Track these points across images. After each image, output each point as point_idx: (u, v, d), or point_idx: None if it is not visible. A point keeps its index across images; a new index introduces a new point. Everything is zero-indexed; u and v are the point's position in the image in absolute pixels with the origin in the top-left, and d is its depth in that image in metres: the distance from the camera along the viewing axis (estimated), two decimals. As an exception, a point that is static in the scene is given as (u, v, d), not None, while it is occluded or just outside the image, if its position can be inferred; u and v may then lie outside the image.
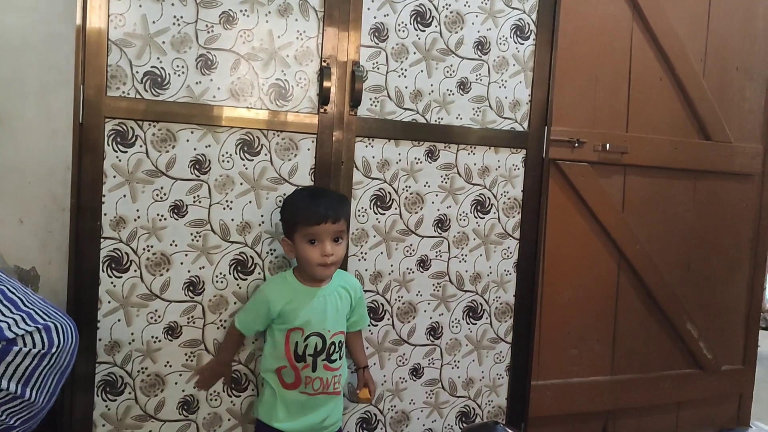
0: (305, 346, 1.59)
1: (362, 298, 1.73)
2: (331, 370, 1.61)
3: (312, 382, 1.59)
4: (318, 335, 1.59)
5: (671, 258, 2.41)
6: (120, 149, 1.57)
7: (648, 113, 2.32)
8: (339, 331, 1.63)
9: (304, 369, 1.59)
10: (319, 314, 1.60)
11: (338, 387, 1.64)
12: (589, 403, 2.31)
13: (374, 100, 1.76)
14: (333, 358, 1.61)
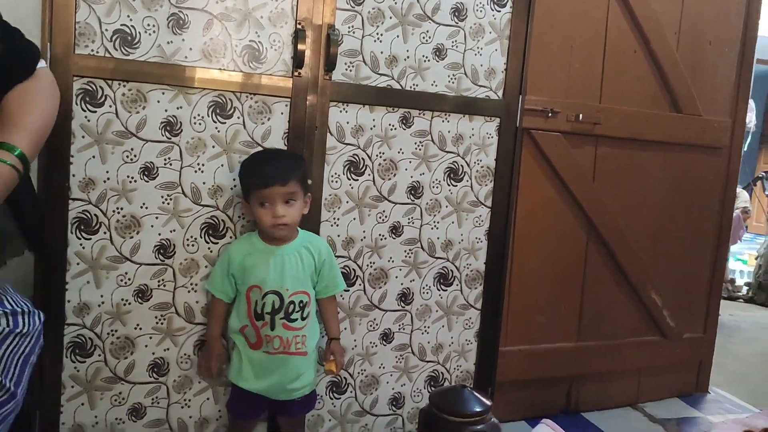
0: (263, 304, 1.60)
1: (330, 262, 1.71)
2: (291, 329, 1.62)
3: (272, 340, 1.60)
4: (275, 293, 1.60)
5: (639, 228, 2.45)
6: (89, 109, 1.54)
7: (621, 85, 2.34)
8: (299, 291, 1.63)
9: (263, 327, 1.60)
10: (276, 273, 1.60)
11: (302, 348, 1.64)
12: (555, 369, 2.36)
13: (349, 64, 1.74)
14: (293, 317, 1.62)
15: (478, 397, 1.00)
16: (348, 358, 1.86)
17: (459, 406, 0.96)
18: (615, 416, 2.44)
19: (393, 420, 1.95)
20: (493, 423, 0.96)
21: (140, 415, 1.68)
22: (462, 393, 0.99)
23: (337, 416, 1.88)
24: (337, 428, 1.89)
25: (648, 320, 2.53)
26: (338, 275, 1.74)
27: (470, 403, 0.97)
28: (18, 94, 1.26)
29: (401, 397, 1.95)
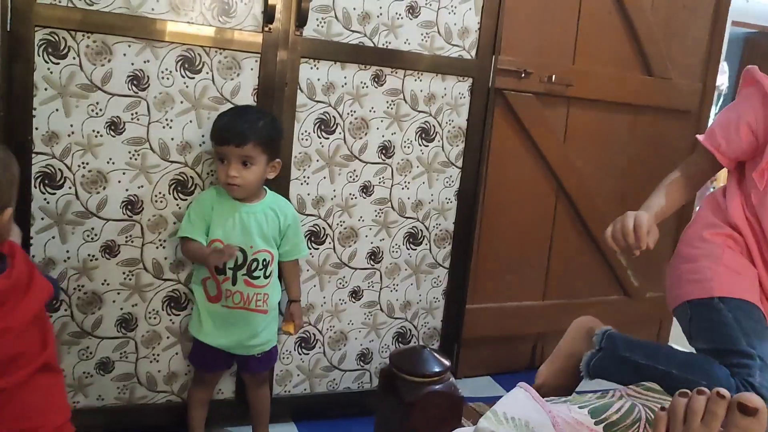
0: None
1: (295, 228, 1.70)
2: (252, 286, 1.62)
3: (232, 295, 1.61)
4: (239, 249, 1.60)
5: (608, 190, 2.49)
6: (51, 60, 1.50)
7: (595, 47, 2.34)
8: (263, 250, 1.62)
9: (224, 282, 1.61)
10: (242, 230, 1.60)
11: (263, 306, 1.64)
12: (521, 327, 2.42)
13: (321, 20, 1.72)
14: (255, 275, 1.62)
15: (437, 358, 1.02)
16: (317, 314, 1.89)
17: (418, 367, 0.99)
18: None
19: (361, 375, 1.99)
20: (450, 383, 0.99)
21: (108, 369, 1.69)
22: (421, 353, 1.01)
23: (306, 371, 1.91)
24: (305, 383, 1.92)
25: (613, 280, 2.59)
26: (302, 241, 1.74)
27: (429, 363, 1.00)
28: None
29: (369, 352, 1.99)
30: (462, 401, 1.00)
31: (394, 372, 0.98)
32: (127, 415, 1.73)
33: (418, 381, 0.98)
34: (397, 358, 1.00)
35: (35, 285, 1.10)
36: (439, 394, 0.97)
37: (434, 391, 0.97)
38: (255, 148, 1.55)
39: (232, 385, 1.83)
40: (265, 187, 1.67)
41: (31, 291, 1.08)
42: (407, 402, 0.94)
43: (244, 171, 1.56)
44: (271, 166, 1.62)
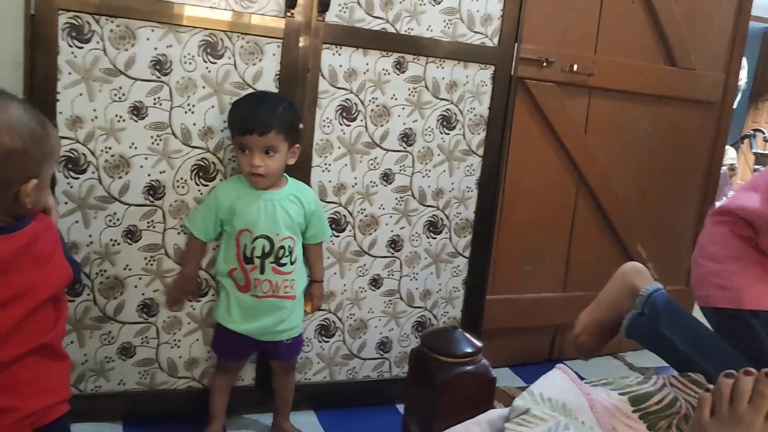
0: (253, 248, 1.59)
1: (318, 212, 1.71)
2: (280, 273, 1.62)
3: (261, 284, 1.61)
4: (265, 238, 1.59)
5: (628, 181, 2.46)
6: (75, 45, 1.50)
7: (617, 36, 2.31)
8: (289, 236, 1.62)
9: (252, 271, 1.60)
10: (267, 217, 1.60)
11: (290, 292, 1.65)
12: (540, 318, 2.40)
13: (343, 6, 1.71)
14: (282, 261, 1.62)
15: (469, 339, 1.01)
16: (337, 302, 1.88)
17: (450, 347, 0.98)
18: (596, 364, 2.49)
19: (380, 363, 1.99)
20: (483, 364, 0.98)
21: (130, 354, 1.69)
22: (453, 334, 1.00)
23: (326, 359, 1.91)
24: (324, 371, 1.92)
25: (632, 272, 2.56)
26: (326, 223, 1.76)
27: (461, 343, 0.98)
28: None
29: (389, 341, 1.98)
30: (494, 382, 0.99)
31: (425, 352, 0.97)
32: (147, 401, 1.74)
33: (449, 361, 0.97)
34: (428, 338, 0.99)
35: (54, 265, 1.11)
36: (471, 374, 0.96)
37: (466, 372, 0.96)
38: (277, 135, 1.54)
39: (252, 372, 1.83)
40: (285, 174, 1.67)
41: (47, 268, 1.09)
42: (439, 382, 0.93)
43: (268, 160, 1.55)
44: (291, 151, 1.61)
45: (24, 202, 1.05)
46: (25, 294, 1.06)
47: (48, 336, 1.09)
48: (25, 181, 1.05)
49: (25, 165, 1.05)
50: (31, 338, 1.06)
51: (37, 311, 1.07)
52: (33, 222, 1.10)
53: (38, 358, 1.08)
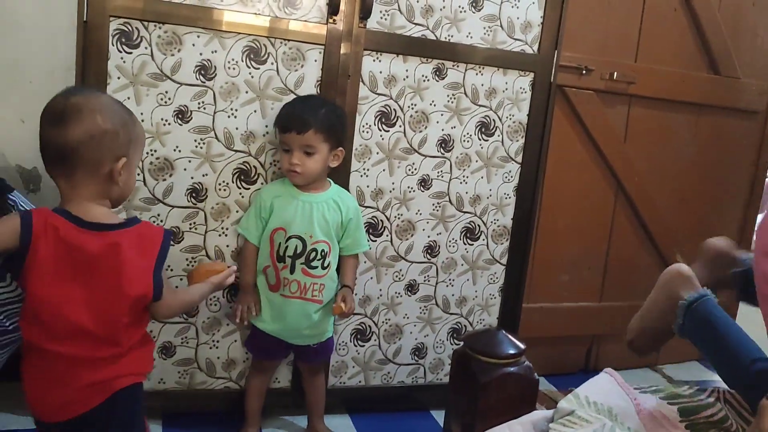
0: (286, 247, 1.61)
1: (357, 222, 1.71)
2: (310, 276, 1.63)
3: (289, 284, 1.62)
4: (298, 238, 1.61)
5: (668, 190, 2.43)
6: (125, 50, 1.55)
7: (659, 44, 2.29)
8: (322, 240, 1.63)
9: (283, 270, 1.62)
10: (303, 219, 1.62)
11: (318, 296, 1.65)
12: (576, 327, 2.38)
13: (384, 13, 1.72)
14: (313, 264, 1.63)
15: (513, 340, 1.01)
16: (373, 306, 1.89)
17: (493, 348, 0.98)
18: (634, 376, 2.46)
19: (415, 369, 1.99)
20: (526, 366, 0.98)
21: (170, 353, 1.73)
22: (496, 335, 1.00)
23: (361, 363, 1.92)
24: (359, 375, 1.93)
25: (672, 283, 2.52)
26: (363, 236, 1.75)
27: (504, 345, 0.98)
28: None
29: (424, 347, 1.98)
30: (537, 384, 0.98)
31: (468, 353, 0.97)
32: (186, 400, 1.76)
33: (493, 362, 0.97)
34: (471, 339, 0.99)
35: (131, 276, 1.15)
36: (514, 375, 0.96)
37: (509, 373, 0.96)
38: (316, 135, 1.56)
39: (288, 374, 1.85)
40: (329, 180, 1.68)
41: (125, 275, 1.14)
42: (482, 383, 0.93)
43: (306, 159, 1.58)
44: (334, 154, 1.63)
45: (117, 180, 1.16)
46: (105, 297, 1.13)
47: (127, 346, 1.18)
48: (116, 160, 1.15)
49: (115, 145, 1.15)
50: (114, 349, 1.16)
51: (118, 324, 1.15)
52: (133, 228, 1.18)
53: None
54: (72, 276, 1.11)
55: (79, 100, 1.14)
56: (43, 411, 1.16)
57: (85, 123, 1.11)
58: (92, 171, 1.14)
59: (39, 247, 1.09)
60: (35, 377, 1.15)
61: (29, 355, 1.16)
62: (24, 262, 1.09)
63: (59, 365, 1.13)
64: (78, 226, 1.12)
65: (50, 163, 1.14)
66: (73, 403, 1.14)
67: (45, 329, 1.12)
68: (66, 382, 1.13)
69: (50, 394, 1.14)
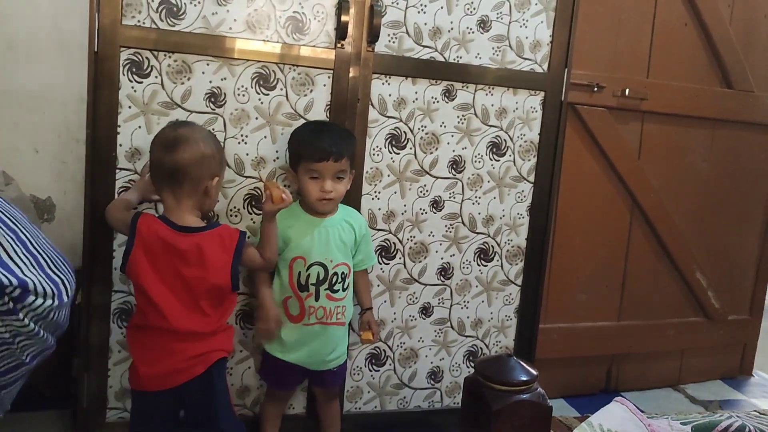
0: (308, 275, 1.61)
1: (367, 236, 1.73)
2: (334, 300, 1.63)
3: (315, 311, 1.62)
4: (320, 265, 1.61)
5: (685, 207, 2.40)
6: (135, 80, 1.56)
7: (671, 59, 2.28)
8: (342, 263, 1.63)
9: (307, 298, 1.62)
10: (321, 244, 1.61)
11: (341, 318, 1.65)
12: (595, 348, 2.34)
13: (392, 36, 1.73)
14: (336, 288, 1.63)
15: (525, 367, 0.99)
16: (387, 330, 1.87)
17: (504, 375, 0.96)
18: (656, 396, 2.41)
19: (431, 393, 1.96)
20: (539, 393, 0.95)
21: (184, 381, 1.72)
22: (508, 362, 0.98)
23: (376, 388, 1.90)
24: (375, 400, 1.90)
25: (692, 301, 2.48)
26: (372, 249, 1.77)
27: (516, 371, 0.96)
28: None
29: (440, 371, 1.95)
30: (550, 411, 0.96)
31: (479, 380, 0.95)
32: (200, 428, 1.75)
33: (504, 389, 0.95)
34: (482, 366, 0.97)
35: (216, 269, 1.43)
36: (526, 403, 0.94)
37: (522, 401, 0.93)
38: (347, 161, 1.60)
39: (303, 401, 1.83)
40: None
41: (208, 270, 1.42)
42: (494, 410, 0.91)
43: (337, 184, 1.60)
44: (350, 177, 1.66)
45: (210, 194, 1.45)
46: (194, 284, 1.41)
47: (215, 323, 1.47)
48: (211, 178, 1.43)
49: (212, 166, 1.43)
50: (207, 324, 1.44)
51: (209, 306, 1.44)
52: (214, 230, 1.44)
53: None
54: (168, 267, 1.40)
55: (186, 131, 1.42)
56: (150, 381, 1.41)
57: (193, 149, 1.39)
58: (194, 186, 1.41)
59: (141, 243, 1.40)
60: (146, 351, 1.43)
61: (140, 333, 1.44)
62: (129, 256, 1.39)
63: (167, 340, 1.40)
64: (173, 229, 1.41)
65: (161, 181, 1.42)
66: (179, 372, 1.40)
67: (151, 310, 1.40)
68: (173, 354, 1.40)
69: (160, 364, 1.40)
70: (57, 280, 1.21)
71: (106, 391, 1.66)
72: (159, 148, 1.42)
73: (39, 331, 1.25)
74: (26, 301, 1.17)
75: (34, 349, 1.32)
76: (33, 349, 1.31)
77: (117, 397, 1.67)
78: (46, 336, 1.27)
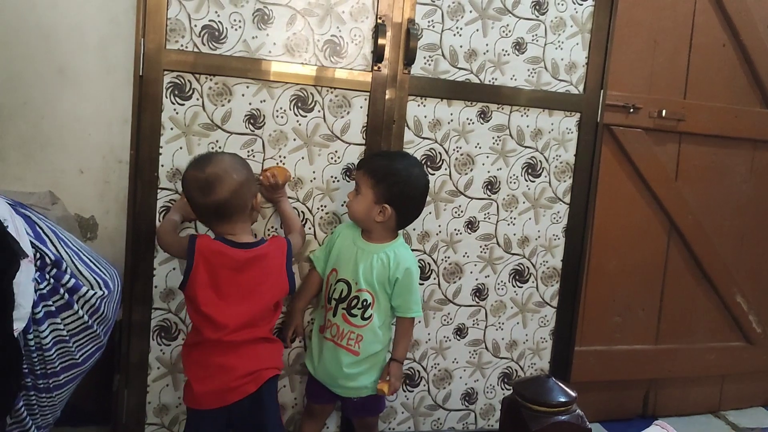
0: (334, 289, 1.64)
1: (404, 283, 1.63)
2: (348, 323, 1.62)
3: (330, 327, 1.64)
4: (345, 282, 1.63)
5: (724, 229, 2.36)
6: (177, 102, 1.60)
7: (708, 80, 2.25)
8: (364, 289, 1.61)
9: (328, 311, 1.65)
10: (352, 264, 1.63)
11: (354, 346, 1.61)
12: (632, 371, 2.30)
13: (428, 58, 1.75)
14: (353, 312, 1.62)
15: (563, 388, 0.98)
16: (421, 351, 1.87)
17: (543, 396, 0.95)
18: (695, 423, 2.36)
19: (465, 415, 1.95)
20: (577, 414, 0.94)
21: (220, 398, 1.73)
22: (546, 382, 0.97)
23: (410, 409, 1.89)
24: (409, 421, 1.90)
25: (732, 325, 2.43)
26: (414, 301, 1.66)
27: (555, 392, 0.96)
28: None
29: (474, 392, 1.94)
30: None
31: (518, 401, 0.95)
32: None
33: (543, 411, 0.94)
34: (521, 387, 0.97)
35: (276, 279, 1.53)
36: (565, 425, 0.93)
37: (560, 422, 0.93)
38: (364, 177, 1.60)
39: (338, 420, 1.83)
40: (399, 235, 1.68)
41: (270, 280, 1.52)
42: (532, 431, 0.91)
43: (353, 197, 1.63)
44: (380, 208, 1.60)
45: (257, 208, 1.54)
46: (252, 293, 1.47)
47: (267, 330, 1.52)
48: (253, 197, 1.52)
49: (250, 188, 1.50)
50: (259, 331, 1.49)
51: (263, 312, 1.50)
52: (267, 242, 1.54)
53: (260, 342, 1.51)
54: (226, 280, 1.45)
55: (214, 170, 1.44)
56: (204, 399, 1.44)
57: (228, 183, 1.43)
58: (242, 211, 1.48)
59: (200, 262, 1.45)
60: (200, 369, 1.46)
61: (195, 351, 1.48)
62: (189, 275, 1.45)
63: (220, 355, 1.44)
64: (231, 246, 1.47)
65: (209, 218, 1.49)
66: (232, 390, 1.43)
67: (207, 324, 1.44)
68: (226, 372, 1.43)
69: (213, 381, 1.43)
70: (102, 274, 1.41)
71: (145, 407, 1.69)
72: (196, 193, 1.46)
73: (92, 325, 1.35)
74: (80, 292, 1.35)
75: (88, 349, 1.40)
76: (87, 348, 1.39)
77: (155, 413, 1.70)
78: (99, 331, 1.37)
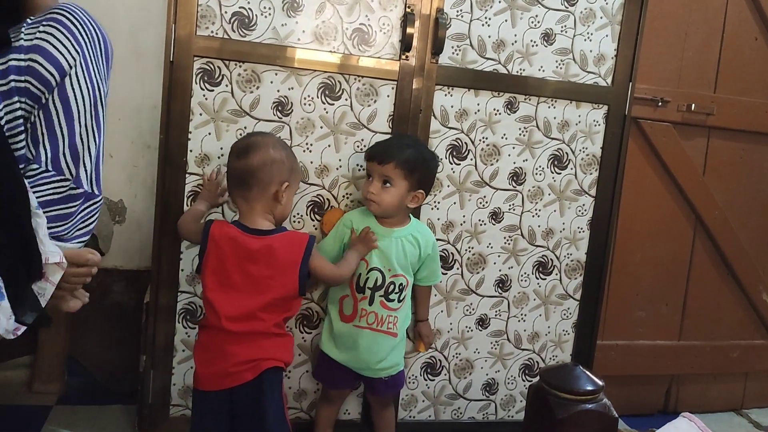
0: (366, 278, 1.63)
1: (433, 256, 1.72)
2: (387, 308, 1.64)
3: (367, 315, 1.64)
4: (378, 271, 1.63)
5: (752, 226, 2.33)
6: (207, 88, 1.62)
7: (739, 74, 2.22)
8: (400, 274, 1.65)
9: (362, 300, 1.64)
10: (384, 252, 1.64)
11: (393, 329, 1.66)
12: (654, 366, 2.29)
13: (456, 48, 1.75)
14: (391, 297, 1.64)
15: (591, 377, 0.98)
16: (443, 341, 1.88)
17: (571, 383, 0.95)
18: (717, 420, 2.34)
19: (486, 405, 1.95)
20: (604, 403, 0.94)
21: (244, 382, 1.75)
22: (574, 370, 0.97)
23: (431, 398, 1.90)
24: (429, 409, 1.91)
25: (757, 322, 2.40)
26: (439, 268, 1.77)
27: (582, 381, 0.95)
28: None
29: (495, 383, 1.95)
30: (616, 423, 0.95)
31: (545, 388, 0.95)
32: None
33: (570, 398, 0.94)
34: (548, 374, 0.97)
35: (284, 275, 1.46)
36: (592, 413, 0.93)
37: (587, 410, 0.93)
38: (395, 169, 1.59)
39: (358, 406, 1.85)
40: (410, 215, 1.70)
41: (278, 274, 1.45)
42: (558, 419, 0.91)
43: (383, 191, 1.61)
44: (414, 195, 1.63)
45: (280, 199, 1.47)
46: (257, 286, 1.44)
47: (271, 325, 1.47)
48: (280, 183, 1.46)
49: (281, 171, 1.47)
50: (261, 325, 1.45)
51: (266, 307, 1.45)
52: (281, 234, 1.48)
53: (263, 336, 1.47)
54: (234, 268, 1.43)
55: (258, 138, 1.49)
56: (205, 381, 1.45)
57: (262, 152, 1.45)
58: (263, 189, 1.45)
59: (212, 248, 1.45)
60: (203, 351, 1.47)
61: (202, 333, 1.49)
62: (202, 260, 1.46)
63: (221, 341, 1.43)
64: (245, 232, 1.45)
65: (234, 186, 1.48)
66: (229, 375, 1.42)
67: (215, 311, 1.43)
68: (225, 357, 1.42)
69: (213, 365, 1.43)
70: None
71: (170, 389, 1.72)
72: (232, 156, 1.48)
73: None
74: None
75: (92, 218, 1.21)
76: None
77: (180, 395, 1.72)
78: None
